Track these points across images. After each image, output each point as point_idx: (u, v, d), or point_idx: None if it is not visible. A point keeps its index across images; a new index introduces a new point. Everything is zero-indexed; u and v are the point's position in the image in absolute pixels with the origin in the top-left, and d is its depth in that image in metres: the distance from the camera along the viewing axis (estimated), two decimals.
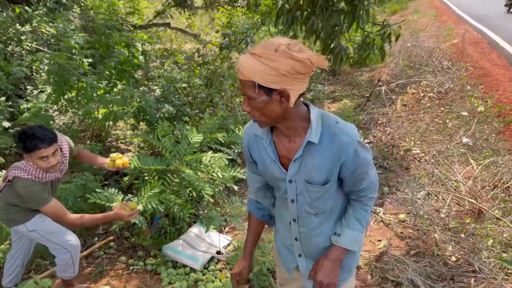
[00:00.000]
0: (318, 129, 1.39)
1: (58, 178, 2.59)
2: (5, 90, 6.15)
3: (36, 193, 2.40)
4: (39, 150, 2.26)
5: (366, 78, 8.60)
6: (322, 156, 1.41)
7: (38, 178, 2.41)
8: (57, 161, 2.38)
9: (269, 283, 2.80)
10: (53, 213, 2.47)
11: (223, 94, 5.15)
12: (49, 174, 2.45)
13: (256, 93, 1.30)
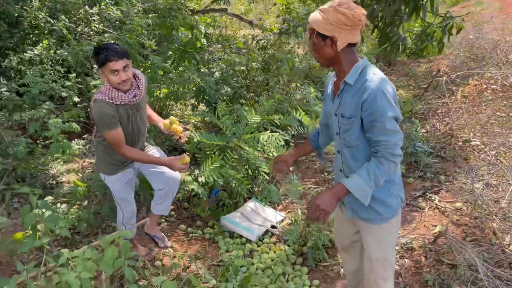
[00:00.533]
0: (356, 74, 1.72)
1: (135, 105, 2.54)
2: (75, 68, 6.59)
3: (105, 115, 2.42)
4: (110, 62, 2.29)
5: (423, 69, 8.39)
6: (353, 95, 1.72)
7: (111, 99, 2.42)
8: (128, 77, 2.38)
9: (323, 257, 2.91)
10: (113, 140, 2.51)
11: (279, 78, 5.25)
12: (122, 95, 2.43)
13: (315, 39, 1.72)
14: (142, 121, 2.71)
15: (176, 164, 2.57)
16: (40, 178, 4.83)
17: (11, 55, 6.12)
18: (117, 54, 2.30)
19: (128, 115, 2.55)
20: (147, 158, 2.65)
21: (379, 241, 1.90)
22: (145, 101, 2.71)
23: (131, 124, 2.60)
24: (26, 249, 2.12)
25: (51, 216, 2.25)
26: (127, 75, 2.37)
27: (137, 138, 2.72)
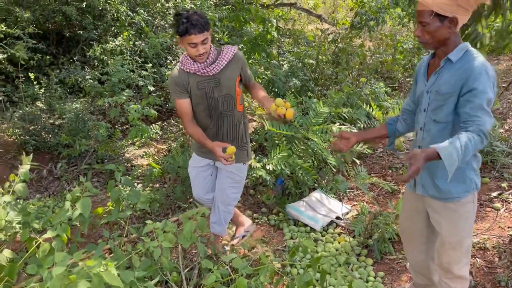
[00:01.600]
0: (460, 53, 1.77)
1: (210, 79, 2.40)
2: (151, 59, 6.97)
3: (171, 80, 2.42)
4: (189, 35, 2.19)
5: (504, 67, 7.89)
6: (453, 73, 1.76)
7: (183, 66, 2.38)
8: (206, 50, 2.27)
9: (389, 251, 2.89)
10: (179, 110, 2.49)
11: (349, 72, 5.21)
12: (192, 63, 2.35)
13: (431, 20, 1.72)
14: (226, 101, 2.48)
15: (219, 151, 2.31)
16: (117, 160, 5.20)
17: (95, 45, 6.60)
18: (197, 28, 2.18)
19: (204, 90, 2.42)
20: (200, 139, 2.45)
21: (452, 223, 1.90)
22: (232, 82, 2.46)
23: (207, 100, 2.45)
24: (113, 218, 2.32)
25: (134, 191, 2.44)
26: (205, 48, 2.27)
27: (218, 119, 2.52)
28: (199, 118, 2.54)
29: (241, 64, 2.47)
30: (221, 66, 2.38)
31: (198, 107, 2.48)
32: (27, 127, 5.20)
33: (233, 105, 2.52)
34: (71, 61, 6.79)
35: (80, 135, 5.11)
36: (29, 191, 4.87)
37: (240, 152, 2.61)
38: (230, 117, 2.54)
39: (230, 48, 2.43)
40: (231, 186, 2.71)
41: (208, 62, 2.35)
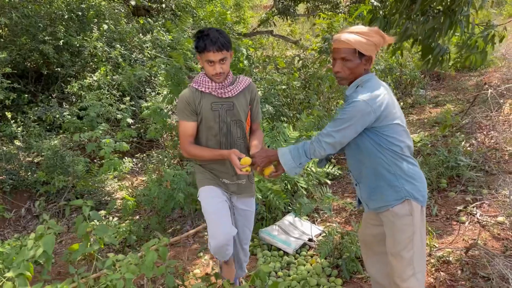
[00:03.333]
0: (352, 89, 1.99)
1: (225, 101, 2.28)
2: (129, 92, 7.08)
3: (181, 99, 2.30)
4: (208, 52, 2.12)
5: (473, 83, 8.14)
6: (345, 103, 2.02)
7: (198, 85, 2.27)
8: (223, 71, 2.18)
9: (358, 269, 2.94)
10: (181, 132, 2.33)
11: (320, 95, 5.36)
12: (208, 82, 2.25)
13: (354, 57, 1.92)
14: (237, 128, 2.36)
15: (235, 159, 2.17)
16: (96, 195, 5.22)
17: (73, 82, 6.71)
18: (217, 45, 2.10)
19: (217, 112, 2.29)
20: (207, 152, 2.31)
21: (391, 234, 2.02)
22: (244, 110, 2.36)
23: (219, 124, 2.31)
24: (78, 255, 2.35)
25: (101, 226, 2.48)
26: (222, 68, 2.18)
27: (228, 147, 2.35)
28: (208, 145, 2.37)
29: (254, 96, 2.40)
30: (238, 90, 2.31)
31: (209, 131, 2.33)
32: (4, 166, 5.21)
33: (244, 133, 2.41)
34: (50, 98, 6.86)
35: (57, 172, 5.13)
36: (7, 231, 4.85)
37: (249, 185, 2.52)
38: (240, 146, 2.39)
39: (245, 77, 2.39)
40: (249, 223, 2.61)
41: (226, 83, 2.28)
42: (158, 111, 5.47)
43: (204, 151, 2.31)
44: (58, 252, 4.31)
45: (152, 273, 2.14)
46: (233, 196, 2.50)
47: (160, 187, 4.00)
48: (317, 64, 5.61)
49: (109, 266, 2.18)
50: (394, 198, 1.98)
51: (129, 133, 5.12)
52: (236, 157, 2.19)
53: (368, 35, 1.90)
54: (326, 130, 1.96)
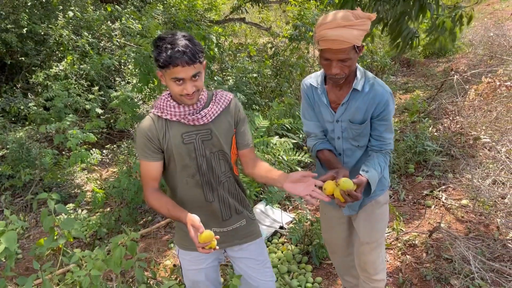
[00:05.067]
0: (362, 80, 1.81)
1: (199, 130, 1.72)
2: (98, 81, 6.91)
3: (142, 135, 1.72)
4: (174, 67, 1.53)
5: (442, 69, 8.31)
6: (362, 100, 1.80)
7: (161, 112, 1.70)
8: (197, 89, 1.61)
9: (327, 255, 2.98)
10: (143, 175, 1.78)
11: (291, 83, 5.36)
12: (174, 107, 1.68)
13: (353, 54, 1.65)
14: (219, 161, 1.79)
15: (194, 236, 1.54)
16: (65, 187, 5.10)
17: (38, 71, 6.49)
18: (186, 56, 1.52)
19: (192, 145, 1.72)
20: (166, 210, 1.69)
21: (371, 224, 2.01)
22: (227, 137, 1.79)
23: (196, 161, 1.74)
24: (44, 250, 2.29)
25: (68, 219, 2.42)
26: (196, 85, 1.60)
27: (213, 188, 1.80)
28: (185, 190, 1.80)
29: (238, 116, 1.82)
30: (216, 112, 1.73)
31: (184, 171, 1.76)
32: None
33: (230, 166, 1.84)
34: (14, 88, 6.63)
35: (23, 165, 4.99)
36: None
37: (252, 225, 1.94)
38: (229, 183, 1.84)
39: (225, 93, 1.80)
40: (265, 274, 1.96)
41: (199, 106, 1.70)
42: (127, 100, 5.37)
43: (163, 207, 1.70)
44: (26, 247, 4.21)
45: (120, 268, 2.10)
46: (228, 248, 1.93)
47: (130, 179, 3.94)
48: (288, 52, 5.60)
49: (75, 261, 2.14)
50: (379, 189, 1.98)
51: (98, 123, 5.00)
52: (195, 229, 1.55)
53: (360, 25, 1.61)
54: (389, 140, 1.86)
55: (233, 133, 1.82)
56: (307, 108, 1.99)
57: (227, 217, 1.85)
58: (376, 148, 1.87)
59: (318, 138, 1.98)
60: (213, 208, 1.81)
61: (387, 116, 1.81)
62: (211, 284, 1.97)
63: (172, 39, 1.56)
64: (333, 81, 1.77)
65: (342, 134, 1.91)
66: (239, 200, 1.88)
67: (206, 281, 1.94)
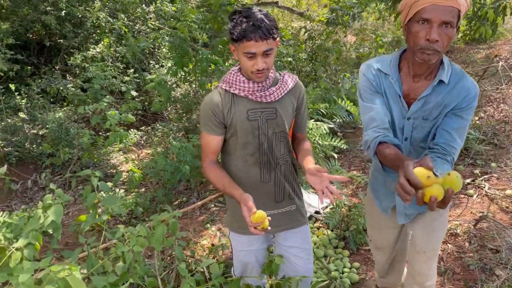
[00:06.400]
0: (449, 70, 1.52)
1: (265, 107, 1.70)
2: (133, 64, 7.00)
3: (208, 108, 1.70)
4: (248, 41, 1.52)
5: (482, 55, 7.99)
6: (447, 95, 1.52)
7: (230, 86, 1.70)
8: (267, 66, 1.59)
9: (364, 241, 2.94)
10: (204, 146, 1.78)
11: (327, 68, 5.27)
12: (244, 82, 1.67)
13: (455, 23, 1.38)
14: (280, 143, 1.77)
15: (245, 212, 1.52)
16: (102, 167, 5.22)
17: (76, 53, 6.62)
18: (260, 31, 1.51)
19: (256, 122, 1.71)
20: (221, 183, 1.68)
21: (431, 232, 1.81)
22: (289, 118, 1.77)
23: (258, 139, 1.73)
24: (87, 225, 2.35)
25: (109, 197, 2.47)
26: (267, 62, 1.59)
27: (272, 168, 1.78)
28: (242, 168, 1.78)
29: (301, 99, 1.81)
30: (282, 92, 1.71)
31: (245, 149, 1.75)
32: (9, 139, 5.20)
33: (288, 149, 1.82)
34: (53, 70, 6.79)
35: (63, 144, 5.13)
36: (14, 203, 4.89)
37: (301, 211, 1.92)
38: (286, 167, 1.82)
39: (291, 75, 1.80)
40: (306, 262, 1.96)
41: (267, 83, 1.70)
42: (162, 83, 5.42)
43: (219, 181, 1.70)
44: (66, 223, 4.35)
45: (161, 246, 2.13)
46: (276, 233, 1.90)
47: (166, 160, 3.99)
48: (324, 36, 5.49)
49: (118, 237, 2.19)
50: None
51: (134, 105, 5.07)
52: (248, 209, 1.51)
53: None
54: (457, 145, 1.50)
55: (294, 116, 1.82)
56: (371, 91, 1.61)
57: (279, 199, 1.84)
58: (440, 147, 1.48)
59: (381, 128, 1.53)
60: (268, 189, 1.80)
61: (467, 113, 1.50)
62: (259, 266, 1.99)
63: (247, 13, 1.55)
64: (421, 58, 1.42)
65: (411, 133, 1.60)
66: (292, 186, 1.86)
67: (255, 263, 1.96)
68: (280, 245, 1.95)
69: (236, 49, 1.61)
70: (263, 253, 2.00)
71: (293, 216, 1.88)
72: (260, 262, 1.99)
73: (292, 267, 1.94)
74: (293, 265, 1.93)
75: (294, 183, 1.88)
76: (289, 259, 1.93)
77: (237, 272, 2.03)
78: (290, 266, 1.94)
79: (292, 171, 1.87)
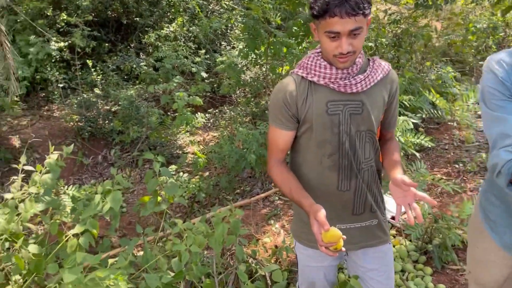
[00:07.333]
0: None
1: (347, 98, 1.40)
2: (204, 45, 6.91)
3: (280, 97, 1.44)
4: (331, 17, 1.23)
5: None
6: None
7: (306, 71, 1.42)
8: (354, 49, 1.29)
9: (452, 259, 2.55)
10: (270, 141, 1.52)
11: (412, 55, 4.77)
12: (326, 68, 1.38)
13: None
14: (365, 144, 1.47)
15: (315, 228, 1.25)
16: (168, 147, 5.19)
17: (150, 32, 6.65)
18: (348, 5, 1.21)
19: (337, 116, 1.41)
20: (288, 188, 1.42)
21: None
22: (378, 114, 1.47)
23: (338, 137, 1.43)
24: (147, 213, 2.22)
25: (172, 184, 2.32)
26: (353, 44, 1.28)
27: (353, 176, 1.48)
28: (315, 171, 1.50)
29: (394, 91, 1.49)
30: (372, 81, 1.40)
31: (321, 148, 1.45)
32: (84, 114, 5.33)
33: (374, 152, 1.52)
34: (128, 48, 6.89)
35: (132, 122, 5.16)
36: (85, 176, 5.01)
37: (383, 227, 1.59)
38: (370, 173, 1.51)
39: (382, 61, 1.48)
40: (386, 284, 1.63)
41: (353, 71, 1.39)
42: (232, 65, 5.24)
43: (285, 184, 1.44)
44: (130, 201, 4.35)
45: (221, 246, 1.94)
46: (351, 250, 1.58)
47: (232, 146, 3.81)
48: (411, 20, 4.97)
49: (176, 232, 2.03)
50: None
51: (203, 87, 4.95)
52: (320, 224, 1.24)
53: None
54: None
55: (383, 111, 1.49)
56: (502, 96, 1.23)
57: (359, 211, 1.52)
58: None
59: None
60: (345, 199, 1.49)
61: None
62: (328, 285, 1.69)
63: None
64: None
65: None
66: (375, 197, 1.55)
67: (324, 281, 1.67)
68: (356, 265, 1.64)
69: (317, 28, 1.32)
70: (334, 271, 1.72)
71: (373, 232, 1.56)
72: (329, 281, 1.70)
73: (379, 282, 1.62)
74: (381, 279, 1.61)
75: (378, 194, 1.56)
76: (366, 281, 1.63)
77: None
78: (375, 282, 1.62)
79: (377, 180, 1.55)
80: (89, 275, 1.43)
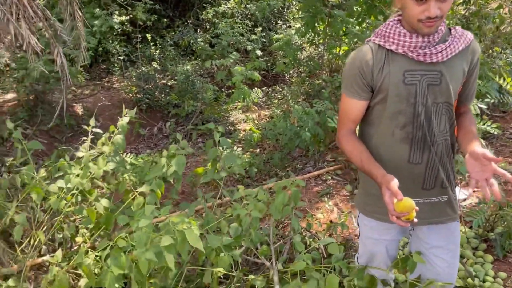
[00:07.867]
0: None
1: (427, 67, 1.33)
2: (261, 22, 6.88)
3: (355, 65, 1.39)
4: None
5: None
6: None
7: (383, 39, 1.37)
8: (441, 14, 1.21)
9: None
10: (342, 111, 1.50)
11: (481, 38, 4.51)
12: (406, 36, 1.32)
13: None
14: (441, 116, 1.40)
15: (388, 198, 1.23)
16: (222, 123, 5.27)
17: (208, 8, 6.71)
18: None
19: (414, 87, 1.35)
20: (358, 158, 1.39)
21: None
22: (456, 86, 1.38)
23: (413, 109, 1.37)
24: (207, 179, 2.28)
25: (231, 154, 2.37)
26: (441, 8, 1.21)
27: (426, 148, 1.41)
28: (387, 142, 1.44)
29: (475, 63, 1.40)
30: (453, 52, 1.32)
31: (394, 119, 1.40)
32: (142, 86, 5.50)
33: (450, 125, 1.44)
34: (186, 23, 7.00)
35: (188, 96, 5.27)
36: (141, 146, 5.20)
37: (452, 204, 1.50)
38: (444, 147, 1.44)
39: (464, 31, 1.38)
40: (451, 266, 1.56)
41: (434, 39, 1.31)
42: (289, 44, 5.19)
43: (356, 155, 1.41)
44: (183, 173, 4.47)
45: (280, 214, 1.97)
46: (417, 225, 1.49)
47: (287, 123, 3.81)
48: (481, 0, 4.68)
49: (237, 198, 2.08)
50: None
51: (259, 64, 4.96)
52: (391, 194, 1.23)
53: None
54: None
55: (462, 83, 1.41)
56: None
57: (429, 186, 1.45)
58: None
59: None
60: (416, 173, 1.43)
61: None
62: (389, 259, 1.65)
63: None
64: None
65: None
66: (447, 172, 1.47)
67: (385, 254, 1.63)
68: (421, 241, 1.58)
69: None
70: (396, 246, 1.68)
71: (442, 208, 1.49)
72: (390, 256, 1.66)
73: (432, 269, 1.57)
74: (434, 267, 1.56)
75: (450, 169, 1.48)
76: (430, 259, 1.56)
77: (361, 260, 1.74)
78: (429, 268, 1.57)
79: (450, 154, 1.48)
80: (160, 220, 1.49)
